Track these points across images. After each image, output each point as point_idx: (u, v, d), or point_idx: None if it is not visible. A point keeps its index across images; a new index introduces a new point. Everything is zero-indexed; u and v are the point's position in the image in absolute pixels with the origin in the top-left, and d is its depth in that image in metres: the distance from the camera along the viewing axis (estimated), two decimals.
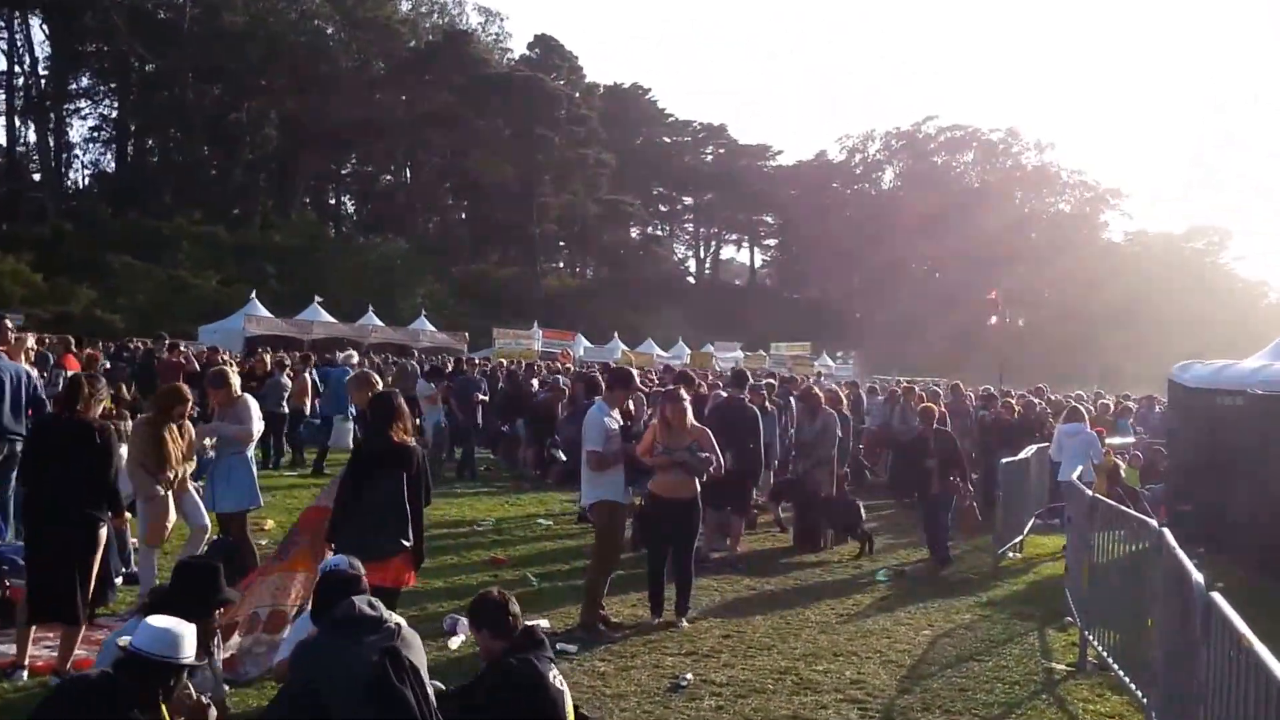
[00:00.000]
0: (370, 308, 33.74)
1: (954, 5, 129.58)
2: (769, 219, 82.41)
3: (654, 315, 55.70)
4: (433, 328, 35.23)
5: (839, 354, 49.00)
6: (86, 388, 5.82)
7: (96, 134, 59.42)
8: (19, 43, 53.43)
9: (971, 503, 11.01)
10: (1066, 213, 79.78)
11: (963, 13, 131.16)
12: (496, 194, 60.04)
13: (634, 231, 76.84)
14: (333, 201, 67.66)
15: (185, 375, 12.76)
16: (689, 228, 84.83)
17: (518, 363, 22.39)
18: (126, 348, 20.67)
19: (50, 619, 5.57)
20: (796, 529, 10.84)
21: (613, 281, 67.71)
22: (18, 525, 7.33)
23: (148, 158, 59.77)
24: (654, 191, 78.25)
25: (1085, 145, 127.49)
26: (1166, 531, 5.20)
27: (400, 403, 5.87)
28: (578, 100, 65.29)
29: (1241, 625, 3.71)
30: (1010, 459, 10.66)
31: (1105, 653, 6.41)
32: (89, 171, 60.89)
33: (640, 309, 57.12)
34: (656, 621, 7.30)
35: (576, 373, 17.11)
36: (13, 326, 8.59)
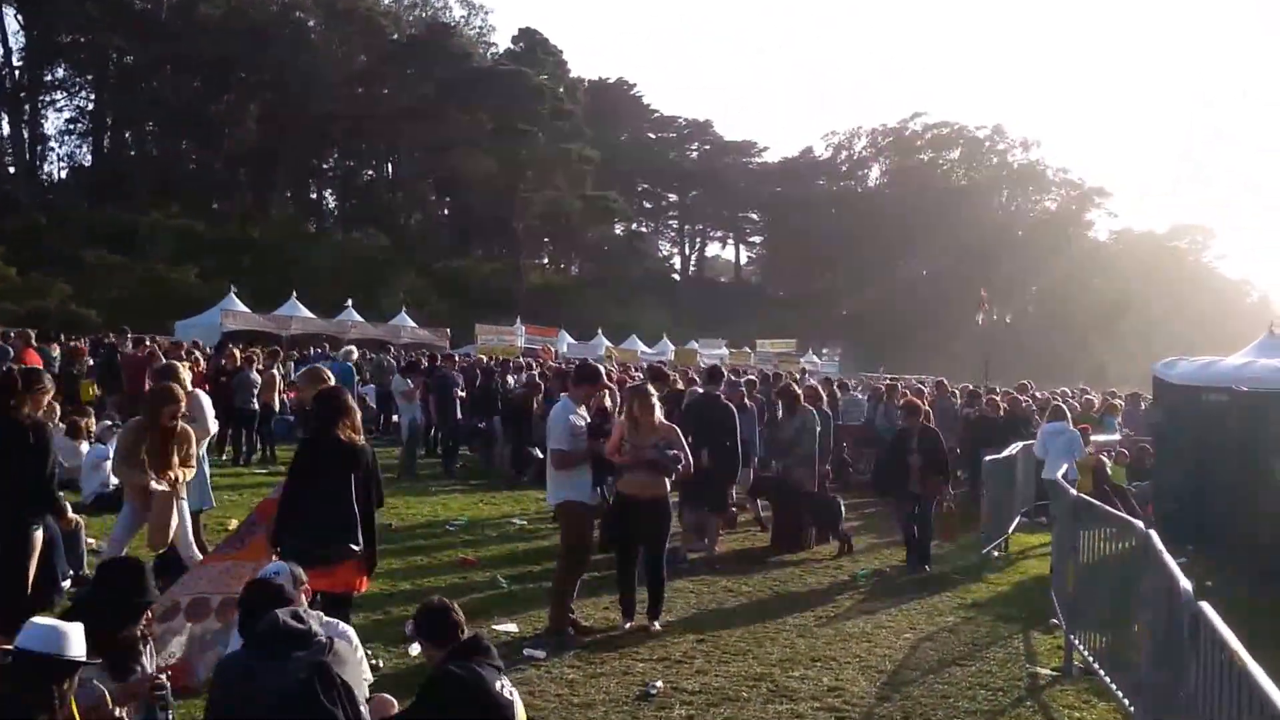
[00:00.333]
0: (350, 303, 33.29)
1: (942, 2, 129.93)
2: (754, 216, 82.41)
3: (638, 312, 55.50)
4: (413, 324, 34.80)
5: (824, 351, 48.93)
6: (20, 383, 5.51)
7: (73, 126, 58.46)
8: None
9: (950, 506, 10.57)
10: (1052, 210, 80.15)
11: (950, 9, 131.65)
12: (479, 189, 59.56)
13: (618, 228, 76.49)
14: (314, 196, 66.90)
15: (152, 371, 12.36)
16: (674, 224, 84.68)
17: (495, 359, 22.06)
18: (102, 344, 20.19)
19: None
20: (776, 527, 10.61)
21: (597, 278, 67.39)
22: None
23: (125, 151, 58.95)
24: (639, 188, 77.95)
25: (1072, 142, 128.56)
26: (1153, 534, 4.98)
27: (348, 399, 5.57)
28: (562, 95, 64.86)
29: (1230, 637, 3.48)
30: (995, 456, 10.49)
31: (1091, 657, 6.25)
32: (65, 164, 60.03)
33: (624, 306, 56.91)
34: (628, 626, 7.08)
35: (554, 368, 16.84)
36: None
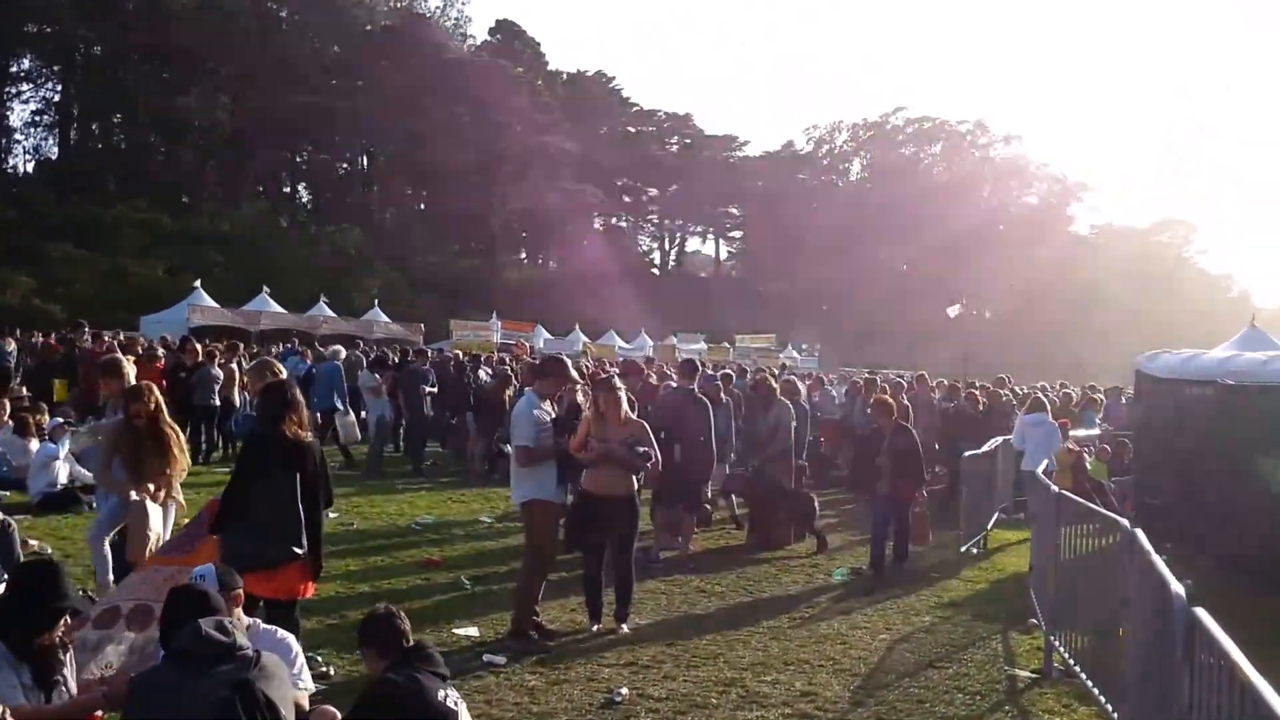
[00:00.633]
0: (321, 298, 32.76)
1: None
2: (735, 210, 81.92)
3: (617, 307, 55.09)
4: (387, 319, 34.31)
5: (804, 346, 48.80)
6: None
7: (39, 118, 57.29)
8: None
9: (923, 510, 10.26)
10: (1034, 205, 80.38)
11: (933, 2, 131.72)
12: (455, 183, 58.92)
13: (597, 222, 75.99)
14: (286, 190, 65.96)
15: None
16: (653, 218, 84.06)
17: (469, 354, 21.67)
18: (62, 339, 19.65)
19: None
20: (751, 525, 10.37)
21: (575, 273, 66.85)
22: None
23: (92, 143, 57.89)
24: (618, 182, 77.29)
25: (1054, 136, 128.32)
26: (1139, 533, 4.74)
27: (295, 394, 5.26)
28: (540, 88, 64.34)
29: (1231, 648, 3.20)
30: (973, 452, 10.29)
31: (1071, 659, 6.04)
32: (31, 157, 58.82)
33: (603, 301, 56.46)
34: (595, 629, 6.83)
35: (528, 363, 16.49)
36: None
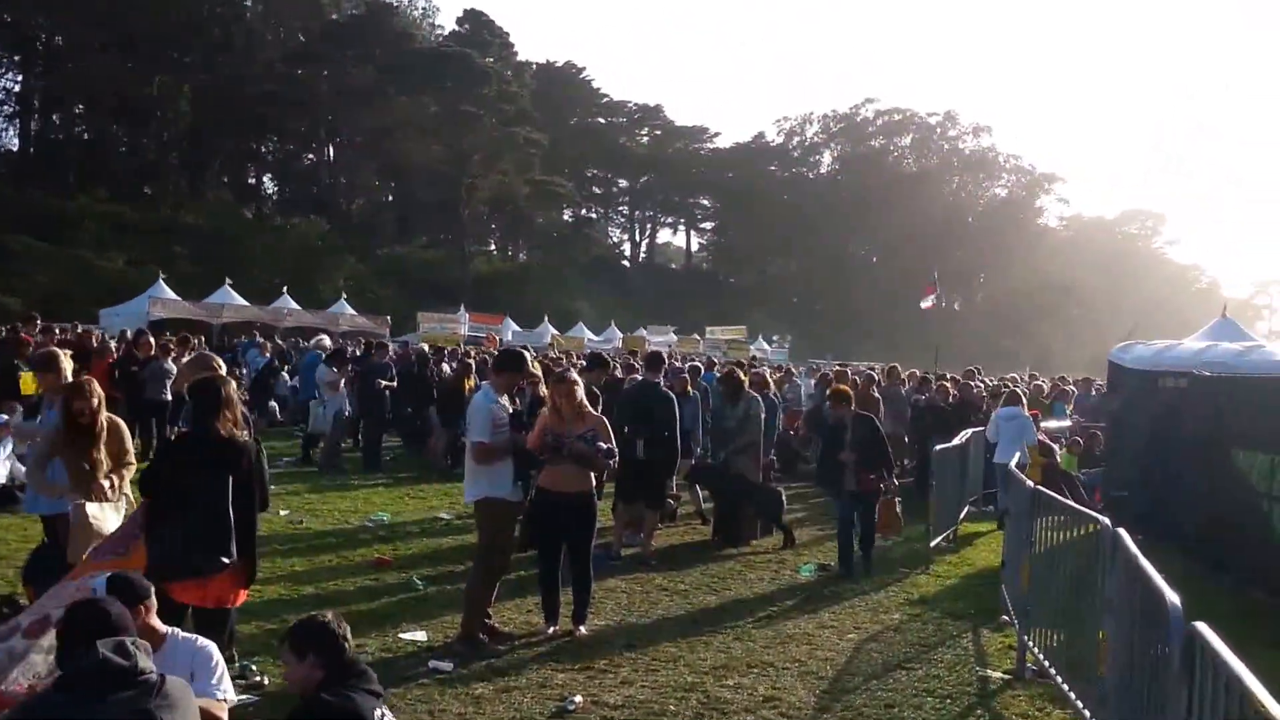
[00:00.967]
0: (285, 290, 32.13)
1: None
2: (705, 202, 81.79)
3: (587, 299, 54.71)
4: (353, 311, 33.78)
5: (774, 338, 48.71)
6: None
7: None
8: None
9: (895, 499, 9.90)
10: (1003, 197, 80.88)
11: None
12: (423, 174, 58.15)
13: (567, 214, 75.49)
14: (251, 181, 64.78)
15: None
16: (624, 210, 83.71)
17: (434, 347, 21.26)
18: (13, 331, 18.99)
19: None
20: (716, 520, 10.10)
21: (544, 265, 66.35)
22: None
23: (53, 133, 56.55)
24: (588, 173, 76.87)
25: (1024, 131, 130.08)
26: (1123, 533, 4.51)
27: (230, 390, 4.91)
28: (509, 78, 63.52)
29: (1241, 669, 2.82)
30: (944, 445, 10.08)
31: (1045, 659, 5.82)
32: None
33: (573, 293, 56.06)
34: (551, 631, 6.53)
35: (493, 354, 16.17)
36: None
